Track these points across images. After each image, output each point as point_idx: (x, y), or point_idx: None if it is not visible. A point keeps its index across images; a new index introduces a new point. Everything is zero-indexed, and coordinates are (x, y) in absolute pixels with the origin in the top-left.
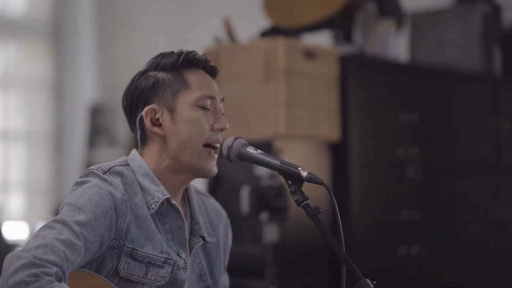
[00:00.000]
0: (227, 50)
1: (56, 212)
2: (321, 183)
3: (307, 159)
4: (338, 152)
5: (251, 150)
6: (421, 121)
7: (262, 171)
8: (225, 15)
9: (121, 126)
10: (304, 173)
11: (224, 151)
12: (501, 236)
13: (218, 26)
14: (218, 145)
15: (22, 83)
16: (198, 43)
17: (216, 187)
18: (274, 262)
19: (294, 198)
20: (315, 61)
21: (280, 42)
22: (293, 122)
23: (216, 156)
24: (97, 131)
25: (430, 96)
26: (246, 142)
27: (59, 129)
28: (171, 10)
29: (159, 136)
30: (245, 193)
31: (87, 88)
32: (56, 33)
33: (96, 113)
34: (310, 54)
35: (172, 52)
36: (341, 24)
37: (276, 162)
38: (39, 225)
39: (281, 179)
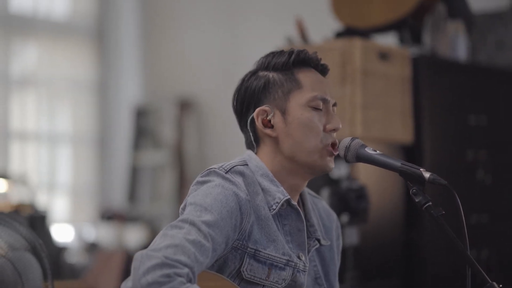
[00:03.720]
0: None
1: (102, 215)
2: (444, 185)
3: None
4: (411, 155)
5: (370, 150)
6: (489, 123)
7: (339, 172)
8: (275, 14)
9: (166, 128)
10: (427, 175)
11: (341, 152)
12: None
13: (266, 27)
14: (336, 144)
15: (67, 86)
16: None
17: None
18: (354, 266)
19: (416, 200)
20: (389, 62)
21: (357, 43)
22: (369, 124)
23: (336, 153)
24: (142, 133)
25: (497, 98)
26: (363, 143)
27: (104, 131)
28: (217, 10)
29: (271, 138)
30: (325, 196)
31: (132, 89)
32: (100, 35)
33: (141, 115)
34: (384, 55)
35: (283, 51)
36: (411, 25)
37: (397, 164)
38: (85, 227)
39: (362, 180)
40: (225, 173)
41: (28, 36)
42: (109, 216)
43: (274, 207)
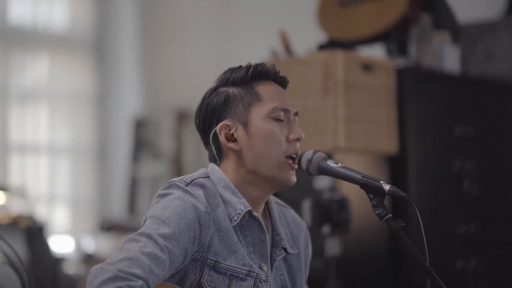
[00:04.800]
0: (284, 63)
1: (101, 226)
2: (404, 197)
3: (365, 172)
4: (396, 165)
5: (331, 163)
6: (476, 133)
7: (322, 183)
8: (274, 27)
9: (165, 139)
10: (386, 187)
11: (304, 165)
12: None
13: (265, 40)
14: (297, 154)
15: (66, 97)
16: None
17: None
18: (336, 276)
19: (376, 212)
20: (373, 73)
21: (339, 55)
22: (352, 135)
23: (296, 166)
24: (141, 145)
25: (485, 108)
26: (325, 156)
27: (104, 142)
28: (215, 23)
29: (234, 152)
30: (306, 207)
31: (131, 101)
32: (99, 47)
33: (140, 126)
34: (367, 67)
35: (241, 66)
36: (396, 36)
37: (358, 176)
38: (84, 238)
39: (344, 191)
40: (186, 185)
41: (27, 49)
42: (108, 227)
43: (235, 218)
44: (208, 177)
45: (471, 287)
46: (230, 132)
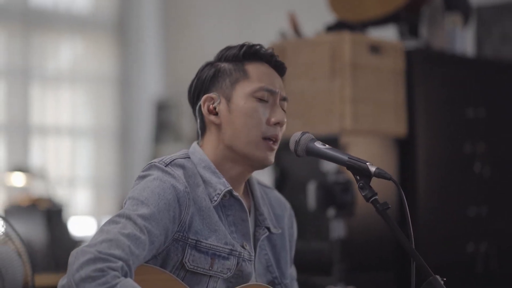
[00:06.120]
0: (293, 45)
1: (122, 207)
2: (389, 179)
3: (373, 155)
4: (404, 148)
5: (318, 145)
6: (488, 116)
7: (328, 166)
8: (289, 9)
9: (186, 122)
10: (372, 168)
11: (292, 146)
12: None
13: (282, 21)
14: (277, 138)
15: (88, 79)
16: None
17: (282, 183)
18: (341, 258)
19: (363, 194)
20: (381, 55)
21: (346, 37)
22: (359, 117)
23: (275, 147)
24: (163, 127)
25: (497, 90)
26: (313, 137)
27: (125, 124)
28: (235, 5)
29: (215, 125)
30: (311, 189)
31: (153, 83)
32: (121, 29)
33: (162, 108)
34: (376, 48)
35: (238, 44)
36: (407, 18)
37: (344, 157)
38: (106, 220)
39: (348, 174)
40: (165, 166)
41: (49, 31)
42: None
43: (215, 198)
44: (189, 157)
45: (482, 270)
46: (213, 105)
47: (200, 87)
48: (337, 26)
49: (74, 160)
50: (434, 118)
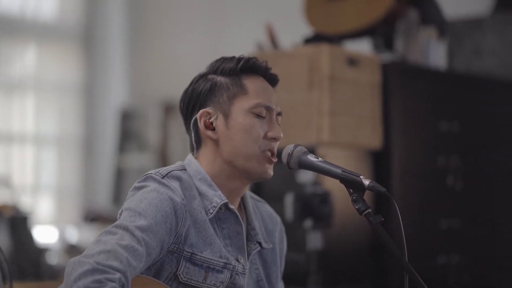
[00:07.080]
0: (269, 57)
1: (86, 216)
2: (383, 192)
3: (349, 167)
4: (379, 160)
5: (311, 158)
6: (461, 129)
7: (305, 177)
8: (264, 20)
9: (151, 131)
10: (366, 182)
11: (284, 159)
12: None
13: (258, 32)
14: (274, 152)
15: (53, 87)
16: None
17: (259, 194)
18: (317, 270)
19: (356, 207)
20: (358, 68)
21: (325, 49)
22: (336, 130)
23: (274, 160)
24: (127, 136)
25: (470, 104)
26: (306, 150)
27: (90, 133)
28: (202, 15)
29: (212, 140)
30: (289, 200)
31: (118, 92)
32: (87, 38)
33: (126, 117)
34: (353, 61)
35: (234, 57)
36: (383, 31)
37: (338, 170)
38: (69, 229)
39: (326, 185)
40: (162, 178)
41: (14, 38)
42: (92, 218)
43: (211, 211)
44: (185, 169)
45: (454, 283)
46: (210, 120)
47: (196, 100)
48: (315, 38)
49: (38, 168)
50: (409, 131)
